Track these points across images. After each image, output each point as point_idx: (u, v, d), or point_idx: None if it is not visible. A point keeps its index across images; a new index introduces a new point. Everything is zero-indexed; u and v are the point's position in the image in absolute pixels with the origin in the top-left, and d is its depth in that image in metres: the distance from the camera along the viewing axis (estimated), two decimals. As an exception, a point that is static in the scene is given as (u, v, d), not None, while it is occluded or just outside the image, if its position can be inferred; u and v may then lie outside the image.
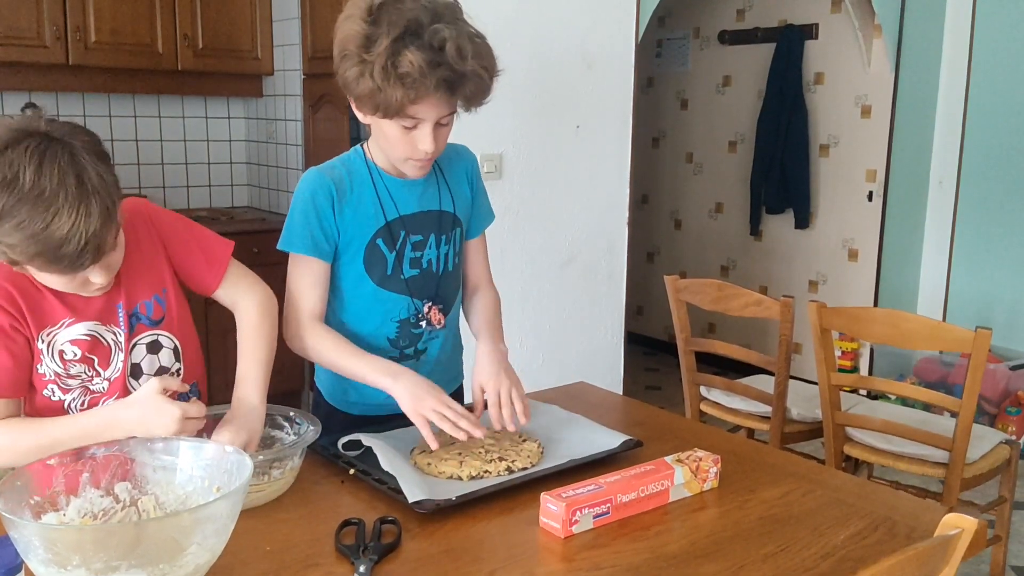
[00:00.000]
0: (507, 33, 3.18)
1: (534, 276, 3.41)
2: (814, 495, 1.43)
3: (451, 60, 1.39)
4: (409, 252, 1.64)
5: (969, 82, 4.55)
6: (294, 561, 1.19)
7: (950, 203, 4.69)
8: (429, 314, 1.67)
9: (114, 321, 1.43)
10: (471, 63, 1.41)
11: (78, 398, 1.42)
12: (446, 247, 1.68)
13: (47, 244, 1.21)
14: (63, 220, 1.20)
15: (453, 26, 1.40)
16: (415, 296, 1.66)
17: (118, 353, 1.44)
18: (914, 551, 0.96)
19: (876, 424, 2.54)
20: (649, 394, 4.84)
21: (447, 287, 1.70)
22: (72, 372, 1.41)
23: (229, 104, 4.60)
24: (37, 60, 3.65)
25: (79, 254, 1.23)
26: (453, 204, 1.68)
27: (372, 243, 1.61)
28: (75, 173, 1.22)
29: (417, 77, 1.38)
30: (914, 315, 2.48)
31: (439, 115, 1.47)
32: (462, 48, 1.40)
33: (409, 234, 1.64)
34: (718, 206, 5.43)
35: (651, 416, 1.84)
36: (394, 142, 1.52)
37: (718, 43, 5.28)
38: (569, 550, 1.24)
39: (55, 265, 1.25)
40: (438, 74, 1.38)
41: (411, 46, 1.37)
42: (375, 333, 1.65)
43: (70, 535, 1.04)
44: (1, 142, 1.22)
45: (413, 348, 1.69)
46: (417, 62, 1.37)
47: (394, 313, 1.65)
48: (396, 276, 1.63)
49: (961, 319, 4.55)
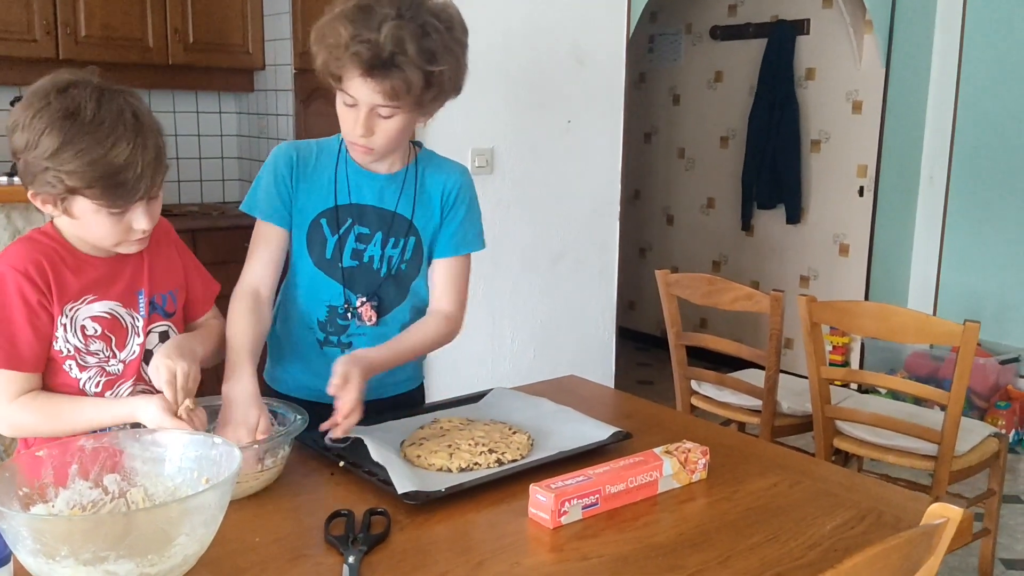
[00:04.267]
0: (499, 28, 3.18)
1: (526, 271, 3.41)
2: (801, 486, 1.44)
3: (380, 41, 1.41)
4: (352, 242, 1.63)
5: (959, 78, 4.56)
6: (283, 552, 1.19)
7: (940, 198, 4.71)
8: (361, 309, 1.64)
9: (134, 306, 1.47)
10: (406, 58, 1.42)
11: (94, 377, 1.43)
12: (393, 250, 1.65)
13: (107, 169, 1.28)
14: (122, 148, 1.28)
15: (407, 20, 1.42)
16: (350, 287, 1.64)
17: (134, 337, 1.47)
18: (899, 540, 0.96)
19: (866, 417, 2.55)
20: (641, 388, 4.85)
21: (389, 290, 1.66)
22: (92, 349, 1.42)
23: (220, 99, 4.59)
24: (27, 54, 3.64)
25: (137, 181, 1.31)
26: (412, 211, 1.66)
27: (316, 221, 1.62)
28: (132, 111, 1.32)
29: (335, 44, 1.43)
30: (903, 309, 2.49)
31: (370, 99, 1.47)
32: (401, 39, 1.41)
33: (356, 224, 1.63)
34: (710, 201, 5.43)
35: (640, 409, 1.84)
36: (341, 118, 1.55)
37: (710, 38, 5.29)
38: (558, 541, 1.25)
39: (112, 192, 1.30)
40: (354, 47, 1.41)
41: (345, 18, 1.43)
42: (307, 312, 1.65)
43: (59, 526, 1.05)
44: (63, 83, 1.31)
45: (338, 338, 1.66)
46: (340, 31, 1.42)
47: (326, 297, 1.64)
48: (334, 262, 1.63)
49: (951, 313, 4.57)
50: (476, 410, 1.71)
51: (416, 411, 1.71)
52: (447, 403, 1.76)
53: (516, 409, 1.69)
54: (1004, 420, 4.09)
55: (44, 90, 1.31)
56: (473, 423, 1.59)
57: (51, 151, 1.27)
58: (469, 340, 3.31)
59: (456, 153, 3.15)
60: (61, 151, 1.26)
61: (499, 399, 1.77)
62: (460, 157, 3.17)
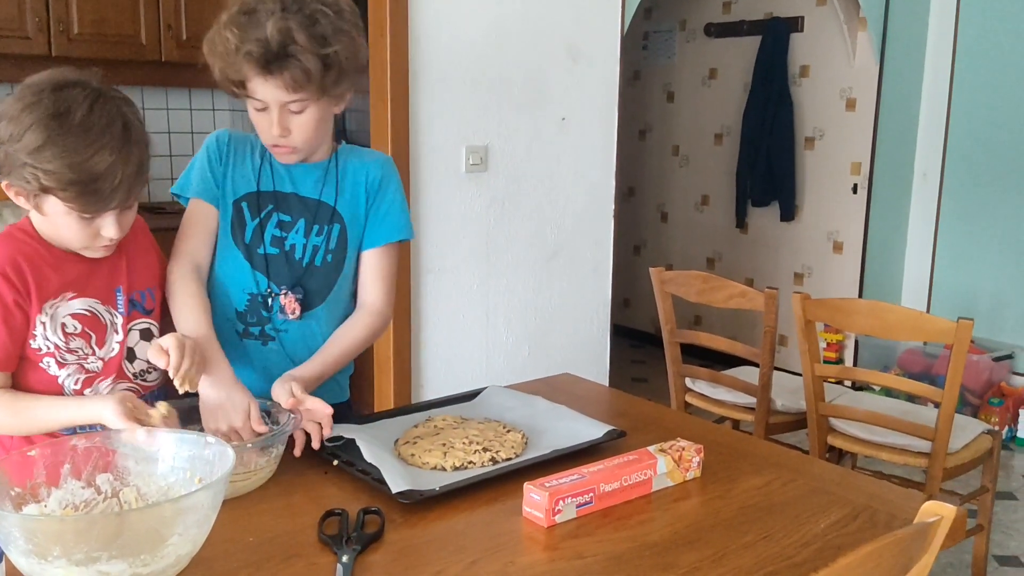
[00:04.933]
0: (493, 25, 3.17)
1: (520, 268, 3.41)
2: (796, 484, 1.44)
3: (267, 37, 1.42)
4: (272, 229, 1.62)
5: (953, 75, 4.57)
6: (277, 552, 1.18)
7: (934, 195, 4.72)
8: (284, 301, 1.61)
9: (112, 303, 1.46)
10: (297, 47, 1.43)
11: (73, 375, 1.42)
12: (317, 239, 1.63)
13: (85, 175, 1.27)
14: (104, 157, 1.28)
15: (292, 12, 1.44)
16: (271, 277, 1.62)
17: (114, 334, 1.46)
18: (893, 538, 0.96)
19: (859, 415, 2.55)
20: (635, 386, 4.85)
21: (313, 281, 1.63)
22: (71, 346, 1.42)
23: (214, 96, 4.57)
24: (19, 51, 3.62)
25: (112, 192, 1.30)
26: (335, 198, 1.65)
27: (238, 204, 1.62)
28: (123, 122, 1.31)
29: (225, 51, 1.45)
30: (897, 306, 2.50)
31: (276, 97, 1.48)
32: (288, 29, 1.43)
33: (276, 211, 1.62)
34: (704, 199, 5.44)
35: (634, 407, 1.84)
36: (256, 126, 1.55)
37: (704, 36, 5.29)
38: (552, 539, 1.25)
39: (86, 197, 1.30)
40: (245, 49, 1.43)
41: (231, 24, 1.45)
42: (226, 301, 1.62)
43: (51, 526, 1.04)
44: (59, 82, 1.31)
45: (260, 329, 1.63)
46: (227, 37, 1.44)
47: (246, 285, 1.62)
48: (255, 247, 1.61)
49: (945, 311, 4.58)
50: (470, 408, 1.71)
51: (410, 409, 1.71)
52: (441, 401, 1.76)
53: (510, 407, 1.69)
54: (997, 417, 4.11)
55: (40, 85, 1.30)
56: (467, 421, 1.59)
57: (33, 147, 1.27)
58: (463, 338, 3.32)
59: (450, 151, 3.18)
60: (43, 149, 1.26)
61: (493, 397, 1.77)
62: (454, 154, 3.20)
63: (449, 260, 3.21)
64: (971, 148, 4.55)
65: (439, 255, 3.19)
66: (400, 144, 2.98)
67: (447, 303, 3.23)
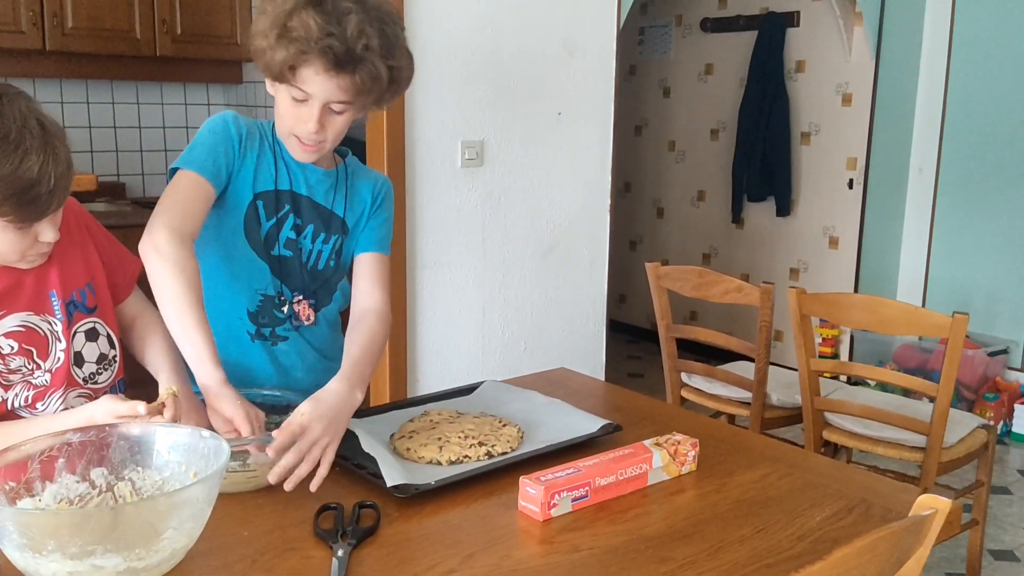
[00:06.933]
0: (489, 20, 3.17)
1: (516, 264, 3.41)
2: (791, 478, 1.44)
3: (348, 35, 1.37)
4: (288, 231, 1.59)
5: (949, 71, 4.58)
6: (272, 546, 1.18)
7: (930, 190, 4.72)
8: (297, 307, 1.61)
9: (48, 310, 1.37)
10: (372, 52, 1.39)
11: (20, 393, 1.36)
12: (324, 246, 1.63)
13: (18, 186, 1.18)
14: (32, 161, 1.18)
15: (364, 11, 1.39)
16: (285, 280, 1.60)
17: (56, 343, 1.37)
18: (887, 531, 0.96)
19: (855, 409, 2.55)
20: (632, 381, 4.86)
21: (319, 285, 1.64)
22: (12, 367, 1.34)
23: (208, 90, 4.56)
24: (13, 46, 3.60)
25: (50, 195, 1.22)
26: (344, 210, 1.64)
27: (254, 202, 1.56)
28: (35, 118, 1.21)
29: (304, 38, 1.36)
30: (892, 301, 2.50)
31: (329, 95, 1.42)
32: (364, 31, 1.38)
33: (292, 213, 1.60)
34: (700, 194, 5.44)
35: (630, 401, 1.84)
36: (283, 113, 1.49)
37: (700, 31, 5.29)
38: (548, 533, 1.25)
39: (26, 208, 1.21)
40: (326, 42, 1.36)
41: (310, 9, 1.37)
42: (238, 300, 1.59)
43: (45, 520, 1.04)
44: None
45: (271, 330, 1.61)
46: (310, 24, 1.36)
47: (261, 286, 1.59)
48: (269, 247, 1.58)
49: (940, 306, 4.59)
50: (466, 403, 1.71)
51: (406, 404, 1.70)
52: (437, 396, 1.76)
53: (506, 402, 1.69)
54: (992, 411, 4.12)
55: None
56: (463, 416, 1.59)
57: None
58: (459, 332, 3.32)
59: (446, 145, 3.18)
60: None
61: (489, 392, 1.77)
62: (450, 149, 3.20)
63: (445, 255, 3.21)
64: (967, 143, 4.55)
65: (435, 250, 3.19)
66: (396, 139, 2.97)
67: (443, 298, 3.23)
